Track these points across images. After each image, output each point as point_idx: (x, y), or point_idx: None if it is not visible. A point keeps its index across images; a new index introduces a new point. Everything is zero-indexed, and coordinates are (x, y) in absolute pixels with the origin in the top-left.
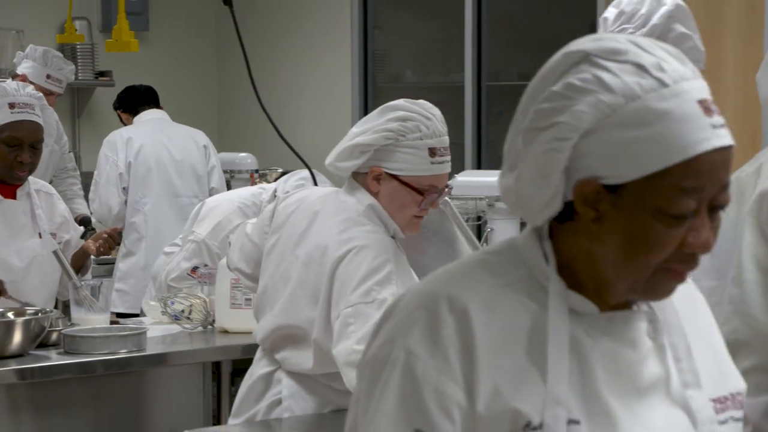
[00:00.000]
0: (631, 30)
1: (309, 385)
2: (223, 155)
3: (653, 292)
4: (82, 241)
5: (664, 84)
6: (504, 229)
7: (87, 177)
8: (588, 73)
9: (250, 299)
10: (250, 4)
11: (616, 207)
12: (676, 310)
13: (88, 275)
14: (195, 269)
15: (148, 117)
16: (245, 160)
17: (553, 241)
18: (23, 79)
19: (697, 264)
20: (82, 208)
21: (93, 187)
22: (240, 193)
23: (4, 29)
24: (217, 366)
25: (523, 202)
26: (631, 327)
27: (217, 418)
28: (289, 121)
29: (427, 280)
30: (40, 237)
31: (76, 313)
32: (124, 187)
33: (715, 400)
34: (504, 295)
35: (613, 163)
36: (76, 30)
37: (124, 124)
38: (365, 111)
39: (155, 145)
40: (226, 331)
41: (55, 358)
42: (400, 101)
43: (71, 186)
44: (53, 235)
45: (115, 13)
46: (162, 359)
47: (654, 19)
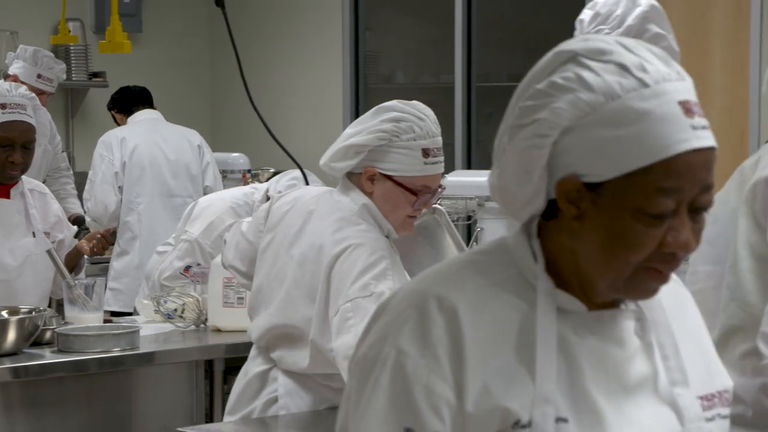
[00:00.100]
0: (606, 31)
1: (305, 384)
2: (216, 155)
3: (635, 291)
4: (76, 241)
5: (645, 84)
6: (494, 229)
7: (81, 177)
8: (571, 72)
9: (242, 298)
10: (242, 6)
11: (597, 205)
12: (664, 309)
13: (82, 274)
14: (188, 268)
15: (143, 117)
16: (238, 160)
17: (541, 240)
18: (14, 79)
19: (678, 264)
20: (76, 207)
21: (88, 187)
22: (232, 193)
23: None
24: (209, 364)
25: (506, 198)
26: (619, 325)
27: (209, 416)
28: (281, 121)
29: (417, 279)
30: (34, 236)
31: (69, 311)
32: (120, 186)
33: (702, 398)
34: (493, 294)
35: (593, 161)
36: (70, 31)
37: (118, 125)
38: (356, 112)
39: (149, 145)
40: (218, 330)
41: (48, 357)
42: (394, 102)
43: (64, 185)
44: (47, 234)
45: (108, 15)
46: (155, 357)
47: (629, 20)
